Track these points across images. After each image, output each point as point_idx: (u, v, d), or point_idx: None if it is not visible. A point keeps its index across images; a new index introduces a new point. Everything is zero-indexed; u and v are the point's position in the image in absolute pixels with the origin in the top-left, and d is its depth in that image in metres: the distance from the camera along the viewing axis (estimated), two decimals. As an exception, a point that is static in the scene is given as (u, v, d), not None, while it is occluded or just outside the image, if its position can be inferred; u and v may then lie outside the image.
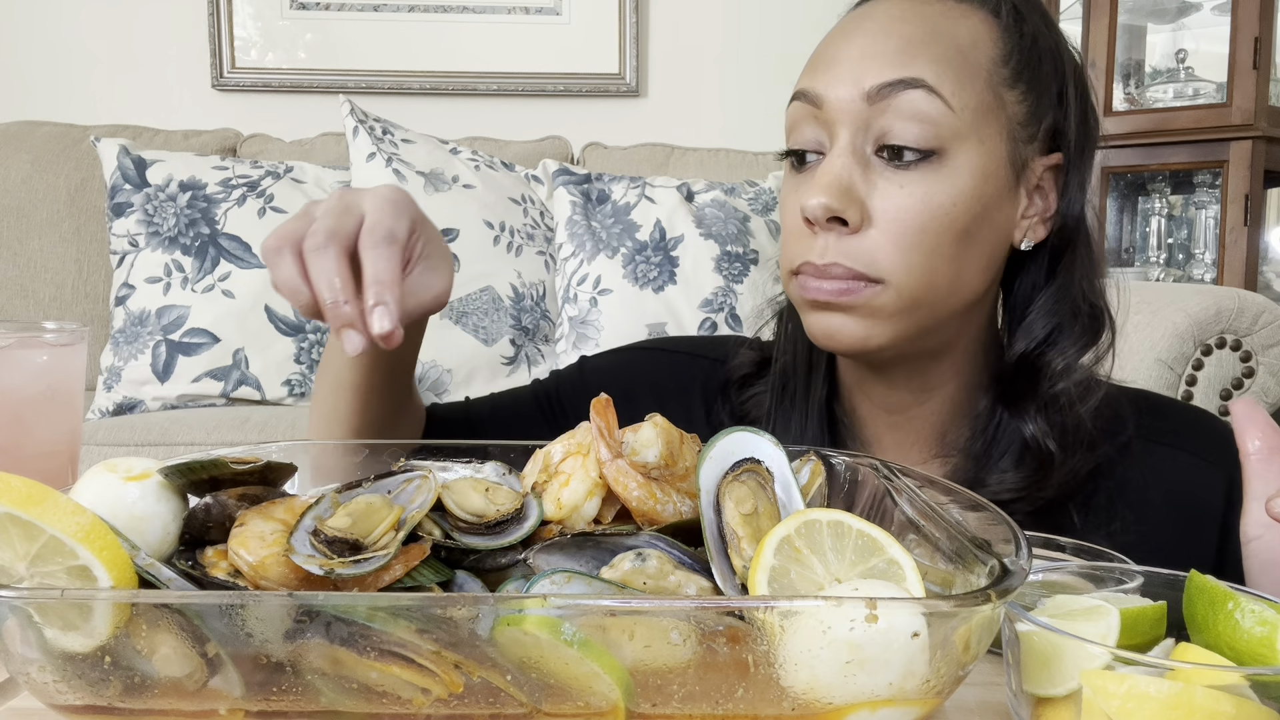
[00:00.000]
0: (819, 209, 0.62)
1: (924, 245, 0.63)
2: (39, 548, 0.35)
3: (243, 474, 0.44)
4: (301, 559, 0.37)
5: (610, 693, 0.33)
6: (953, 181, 0.63)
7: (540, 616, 0.32)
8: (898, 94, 0.62)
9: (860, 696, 0.33)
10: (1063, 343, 0.68)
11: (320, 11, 2.37)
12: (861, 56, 0.64)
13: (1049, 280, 0.70)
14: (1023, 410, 0.68)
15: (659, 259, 1.90)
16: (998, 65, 0.65)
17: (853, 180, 0.63)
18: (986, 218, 0.65)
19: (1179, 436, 0.71)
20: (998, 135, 0.65)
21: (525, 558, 0.42)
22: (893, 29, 0.64)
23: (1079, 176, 0.69)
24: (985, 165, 0.64)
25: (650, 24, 2.44)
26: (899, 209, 0.63)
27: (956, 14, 0.66)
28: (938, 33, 0.64)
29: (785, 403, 0.76)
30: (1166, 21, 2.38)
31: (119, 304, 1.82)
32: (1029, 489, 0.67)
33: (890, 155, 0.63)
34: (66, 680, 0.34)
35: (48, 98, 2.32)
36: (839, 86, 0.64)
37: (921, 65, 0.63)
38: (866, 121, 0.64)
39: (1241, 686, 0.32)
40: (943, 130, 0.62)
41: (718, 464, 0.45)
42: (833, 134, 0.65)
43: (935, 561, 0.41)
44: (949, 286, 0.65)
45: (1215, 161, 2.15)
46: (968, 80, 0.63)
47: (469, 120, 2.33)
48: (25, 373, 0.59)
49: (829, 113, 0.65)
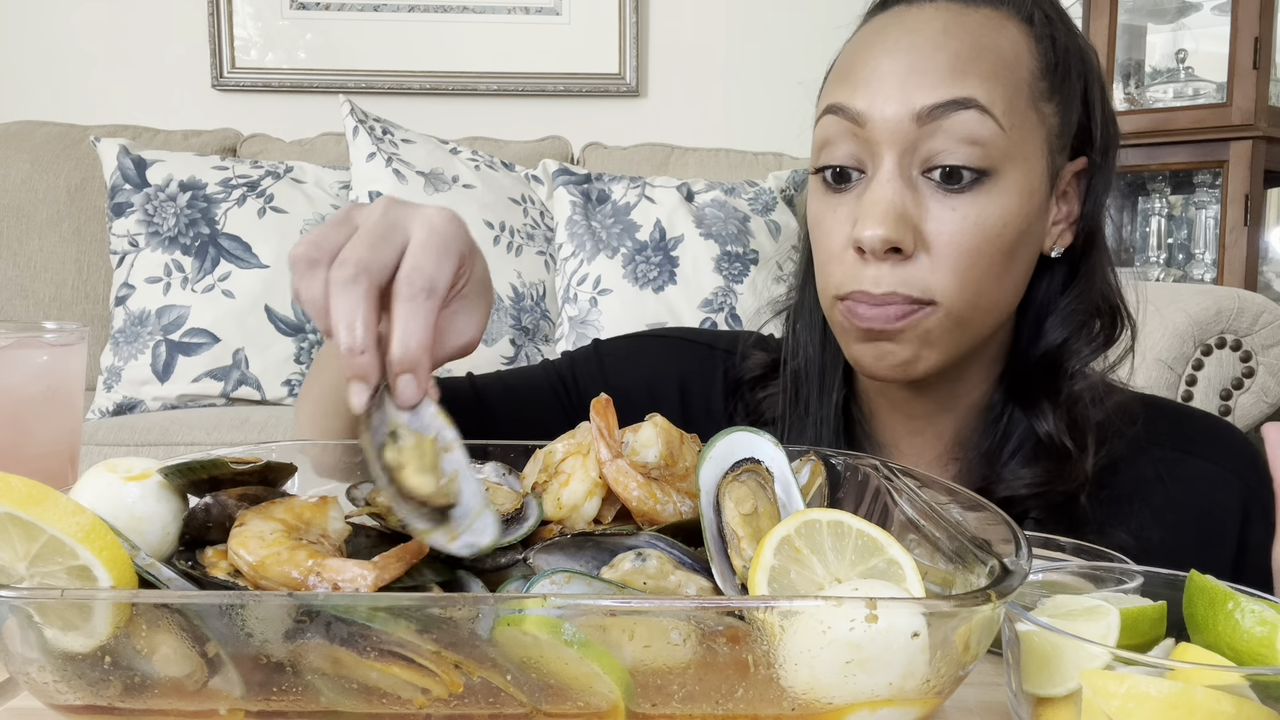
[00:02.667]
0: (877, 241, 0.60)
1: (976, 267, 0.62)
2: (39, 548, 0.35)
3: (243, 474, 0.44)
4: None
5: (610, 693, 0.33)
6: (1002, 202, 0.62)
7: (540, 617, 0.32)
8: (950, 115, 0.60)
9: (860, 696, 0.33)
10: (1082, 342, 0.68)
11: (320, 11, 2.37)
12: (909, 73, 0.61)
13: (1070, 282, 0.69)
14: (1038, 408, 0.68)
15: (659, 259, 1.90)
16: (1037, 79, 0.64)
17: (906, 206, 0.61)
18: (1029, 233, 0.64)
19: (1200, 444, 0.71)
20: (1039, 150, 0.64)
21: (525, 558, 0.42)
22: (941, 43, 0.62)
23: (1104, 179, 0.69)
24: (1029, 182, 0.63)
25: (650, 24, 2.44)
26: (952, 233, 0.61)
27: (996, 24, 0.64)
28: (984, 47, 0.62)
29: (799, 406, 0.75)
30: (1166, 21, 2.38)
31: (119, 304, 1.82)
32: (1047, 484, 0.66)
33: (941, 177, 0.61)
34: (66, 680, 0.34)
35: (47, 98, 2.32)
36: (886, 105, 0.61)
37: (973, 84, 0.61)
38: (915, 143, 0.61)
39: (1241, 686, 0.32)
40: (993, 151, 0.61)
41: (717, 464, 0.45)
42: (876, 154, 0.63)
43: (935, 561, 0.41)
44: (993, 304, 0.65)
45: (1215, 161, 2.15)
46: (1014, 97, 0.62)
47: (469, 120, 2.33)
48: (25, 373, 0.59)
49: (873, 132, 0.62)
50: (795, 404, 0.75)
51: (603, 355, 0.83)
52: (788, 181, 2.09)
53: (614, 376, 0.80)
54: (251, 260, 1.82)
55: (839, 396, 0.74)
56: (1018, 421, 0.69)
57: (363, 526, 0.44)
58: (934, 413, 0.72)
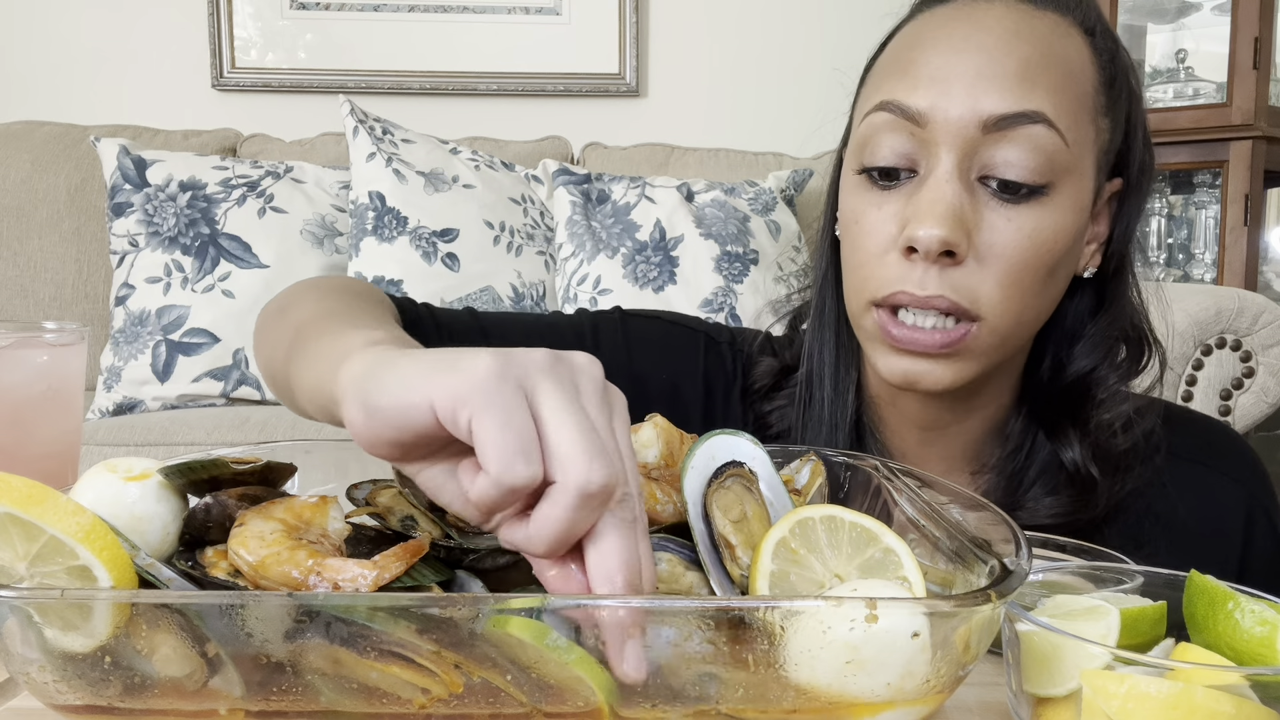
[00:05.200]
0: (934, 240, 0.58)
1: (1024, 281, 0.60)
2: (39, 548, 0.35)
3: (243, 474, 0.44)
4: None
5: (593, 695, 0.33)
6: (1056, 218, 0.60)
7: (524, 621, 0.32)
8: (1017, 128, 0.58)
9: (860, 696, 0.33)
10: (1109, 369, 0.66)
11: (320, 11, 2.37)
12: (978, 77, 0.59)
13: (1100, 307, 0.68)
14: (1064, 435, 0.66)
15: (659, 259, 1.90)
16: (1097, 93, 0.62)
17: (964, 209, 0.59)
18: (1072, 251, 0.63)
19: (1203, 452, 0.70)
20: (1092, 166, 0.63)
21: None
22: (1012, 47, 0.59)
23: (1137, 202, 0.67)
24: (1081, 198, 0.62)
25: (650, 24, 2.44)
26: (1006, 244, 0.59)
27: (1064, 32, 0.62)
28: (1053, 56, 0.60)
29: (813, 416, 0.73)
30: (1166, 21, 2.38)
31: (119, 304, 1.82)
32: (1071, 514, 0.65)
33: (1000, 187, 0.60)
34: (66, 680, 0.34)
35: (48, 98, 2.32)
36: (951, 107, 0.59)
37: (1041, 96, 0.59)
38: (976, 148, 0.59)
39: (1241, 686, 0.32)
40: (1055, 165, 0.59)
41: (700, 473, 0.44)
42: (933, 154, 0.60)
43: (935, 561, 0.41)
44: (1033, 320, 0.63)
45: (1215, 161, 2.15)
46: (1078, 111, 0.61)
47: (469, 120, 2.33)
48: (25, 373, 0.59)
49: (934, 133, 0.60)
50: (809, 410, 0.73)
51: (630, 334, 0.78)
52: (788, 181, 2.09)
53: (639, 361, 0.77)
54: (251, 260, 1.82)
55: (854, 406, 0.72)
56: (1041, 447, 0.68)
57: (363, 526, 0.44)
58: (947, 424, 0.70)
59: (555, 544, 0.34)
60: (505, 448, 0.33)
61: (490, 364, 0.34)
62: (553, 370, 0.36)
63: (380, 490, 0.46)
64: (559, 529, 0.34)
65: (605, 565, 0.34)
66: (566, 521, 0.33)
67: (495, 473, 0.33)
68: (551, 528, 0.34)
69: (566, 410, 0.34)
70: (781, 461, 0.53)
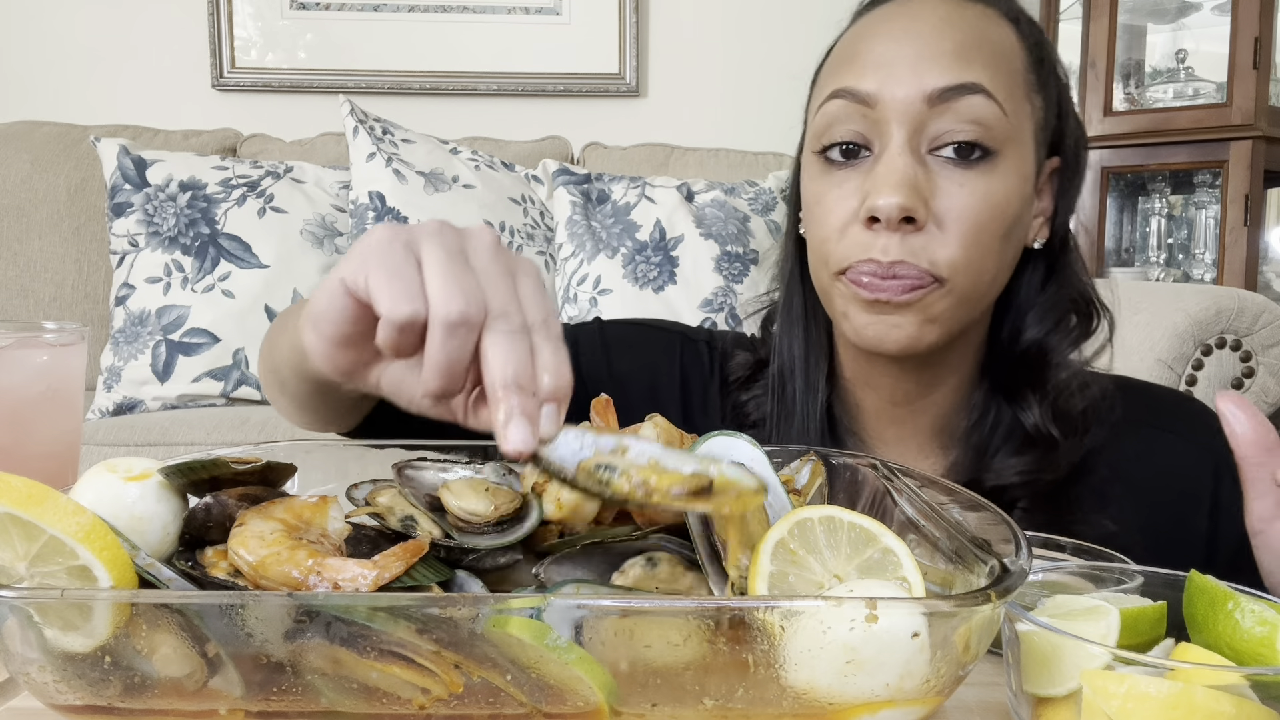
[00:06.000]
0: (893, 208, 0.62)
1: (981, 243, 0.64)
2: (39, 548, 0.35)
3: (243, 474, 0.44)
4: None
5: (593, 695, 0.33)
6: (1006, 182, 0.65)
7: (524, 621, 0.32)
8: (959, 98, 0.64)
9: (860, 697, 0.33)
10: (1064, 335, 0.71)
11: (320, 11, 2.37)
12: (919, 59, 0.65)
13: (1050, 277, 0.73)
14: (1024, 400, 0.70)
15: (659, 259, 1.90)
16: (1028, 71, 0.67)
17: (919, 179, 0.64)
18: (1022, 218, 0.68)
19: (1164, 418, 0.74)
20: (1031, 140, 0.67)
21: (537, 572, 0.42)
22: (945, 33, 0.65)
23: (1075, 181, 0.73)
24: (1024, 167, 0.67)
25: (650, 24, 2.44)
26: (963, 207, 0.64)
27: (992, 19, 0.68)
28: (985, 38, 0.66)
29: (786, 405, 0.76)
30: (1166, 21, 2.38)
31: (119, 304, 1.82)
32: (1036, 472, 0.69)
33: (953, 152, 0.64)
34: (66, 680, 0.34)
35: (48, 98, 2.32)
36: (898, 87, 0.64)
37: (978, 70, 0.64)
38: (924, 123, 0.64)
39: (1241, 686, 0.32)
40: (997, 133, 0.64)
41: None
42: (885, 132, 0.65)
43: (935, 561, 0.41)
44: (990, 283, 0.68)
45: (1215, 161, 2.15)
46: (1012, 85, 0.66)
47: (469, 120, 2.33)
48: (25, 373, 0.59)
49: (884, 112, 0.65)
50: (782, 400, 0.77)
51: (608, 339, 0.83)
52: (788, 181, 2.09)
53: (618, 363, 0.81)
54: (251, 260, 1.82)
55: (826, 392, 0.76)
56: (1004, 414, 0.72)
57: (363, 526, 0.44)
58: (915, 396, 0.74)
59: (437, 373, 0.39)
60: (391, 291, 0.39)
61: (381, 232, 0.42)
62: (437, 233, 0.41)
63: (380, 490, 0.46)
64: (433, 358, 0.39)
65: (490, 375, 0.39)
66: (438, 350, 0.39)
67: (384, 313, 0.39)
68: (429, 359, 0.39)
69: (438, 260, 0.40)
70: (781, 462, 0.53)
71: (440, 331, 0.39)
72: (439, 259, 0.40)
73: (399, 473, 0.47)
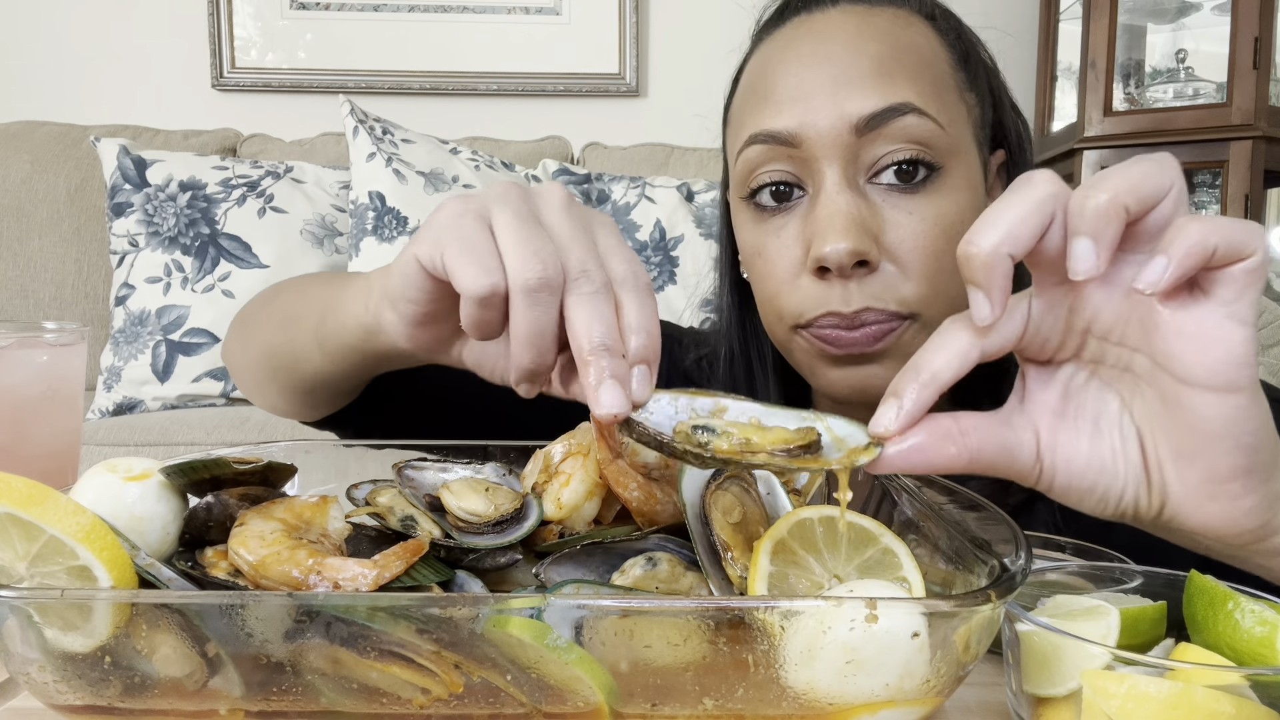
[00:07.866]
0: (842, 254, 0.57)
1: (945, 269, 0.60)
2: (39, 548, 0.35)
3: (243, 474, 0.44)
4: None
5: (593, 695, 0.33)
6: (955, 198, 0.60)
7: (524, 620, 0.32)
8: (889, 122, 0.58)
9: (860, 697, 0.33)
10: None
11: (320, 11, 2.37)
12: (836, 84, 0.59)
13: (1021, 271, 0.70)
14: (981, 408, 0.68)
15: (659, 259, 1.90)
16: (954, 71, 0.63)
17: (864, 216, 0.58)
18: None
19: None
20: (972, 143, 0.63)
21: (537, 572, 0.42)
22: (858, 47, 0.60)
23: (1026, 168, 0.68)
24: (971, 175, 0.62)
25: (650, 24, 2.44)
26: (915, 235, 0.59)
27: (905, 22, 0.62)
28: (903, 47, 0.60)
29: None
30: (1166, 21, 2.38)
31: (119, 304, 1.82)
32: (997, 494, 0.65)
33: (895, 177, 0.59)
34: (66, 680, 0.34)
35: (48, 98, 2.32)
36: (820, 121, 0.59)
37: (903, 86, 0.59)
38: (855, 153, 0.59)
39: (1241, 686, 0.32)
40: (938, 149, 0.60)
41: (698, 475, 0.44)
42: (815, 171, 0.60)
43: (935, 561, 0.41)
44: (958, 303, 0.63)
45: (1215, 161, 2.15)
46: (943, 92, 0.61)
47: (469, 120, 2.33)
48: (25, 373, 0.59)
49: (810, 150, 0.60)
50: None
51: None
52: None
53: None
54: (251, 260, 1.82)
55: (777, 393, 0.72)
56: None
57: (363, 526, 0.44)
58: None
59: (526, 344, 0.39)
60: (468, 267, 0.38)
61: (453, 205, 0.41)
62: (505, 198, 0.40)
63: (380, 490, 0.46)
64: (519, 329, 0.39)
65: (576, 338, 0.38)
66: (522, 319, 0.38)
67: (464, 289, 0.38)
68: (514, 331, 0.39)
69: (510, 226, 0.39)
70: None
71: (521, 300, 0.38)
72: (511, 225, 0.39)
73: (399, 473, 0.47)
